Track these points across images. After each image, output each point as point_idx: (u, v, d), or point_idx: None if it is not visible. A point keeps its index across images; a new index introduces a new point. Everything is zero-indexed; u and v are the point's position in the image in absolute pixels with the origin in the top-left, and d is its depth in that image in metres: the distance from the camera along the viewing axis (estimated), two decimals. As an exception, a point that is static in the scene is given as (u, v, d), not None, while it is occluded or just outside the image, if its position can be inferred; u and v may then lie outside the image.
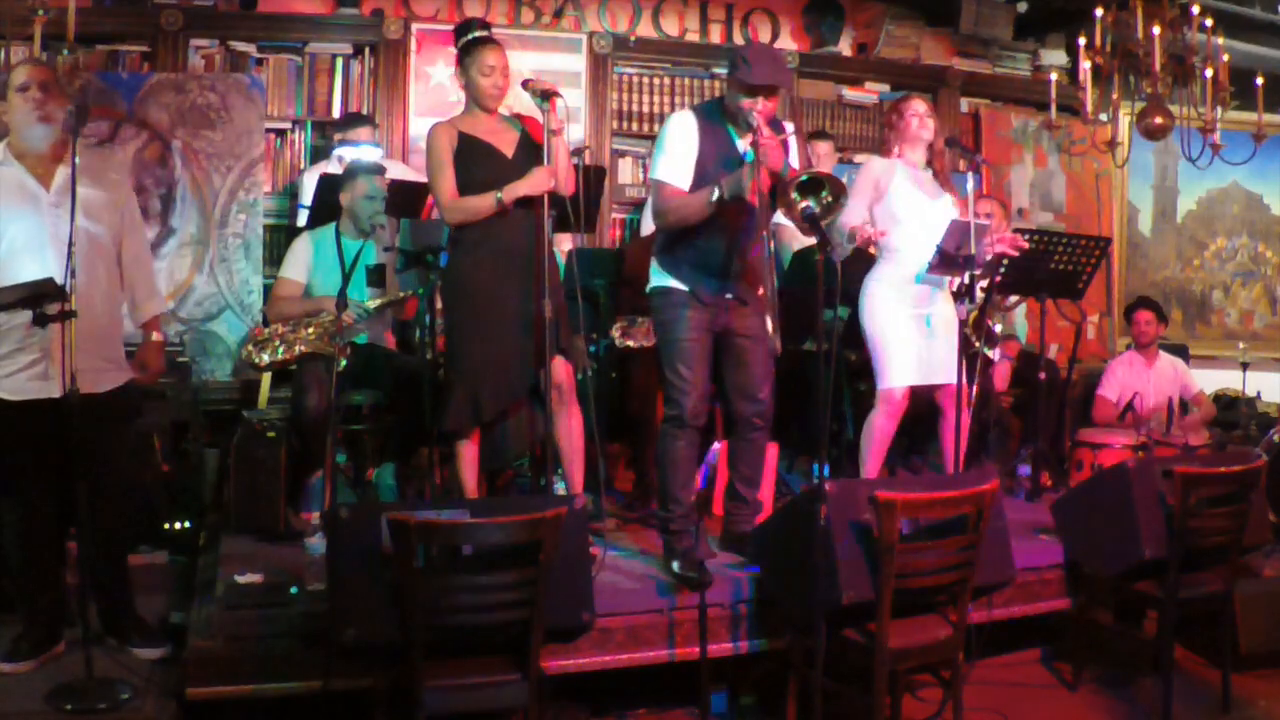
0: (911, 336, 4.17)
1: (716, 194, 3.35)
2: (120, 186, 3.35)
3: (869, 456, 4.24)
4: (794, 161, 3.50)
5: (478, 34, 3.58)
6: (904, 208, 4.18)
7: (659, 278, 3.62)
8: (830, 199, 3.20)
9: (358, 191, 4.19)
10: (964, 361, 4.03)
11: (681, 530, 3.54)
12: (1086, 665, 3.85)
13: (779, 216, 3.69)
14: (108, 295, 3.28)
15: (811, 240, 3.52)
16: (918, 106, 4.24)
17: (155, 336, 3.43)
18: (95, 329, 3.21)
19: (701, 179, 3.47)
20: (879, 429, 4.20)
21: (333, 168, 4.75)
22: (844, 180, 3.29)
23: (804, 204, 3.19)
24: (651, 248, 3.71)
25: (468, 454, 3.65)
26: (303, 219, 4.79)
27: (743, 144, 3.51)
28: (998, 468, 4.76)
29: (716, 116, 3.55)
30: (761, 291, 3.59)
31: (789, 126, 3.54)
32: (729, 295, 3.55)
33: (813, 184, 3.21)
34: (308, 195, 4.80)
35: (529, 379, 3.58)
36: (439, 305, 3.82)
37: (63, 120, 3.20)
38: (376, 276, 4.00)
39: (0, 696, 2.98)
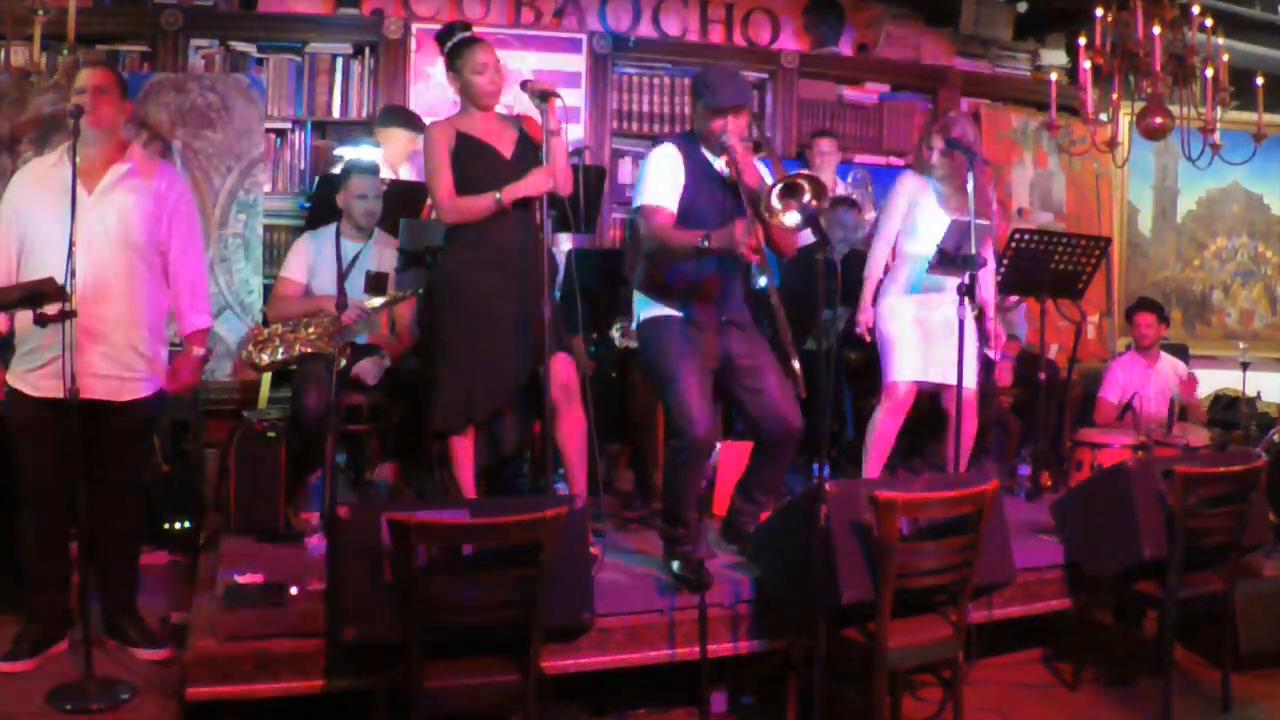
0: (918, 336, 4.24)
1: (705, 244, 3.31)
2: (169, 197, 3.33)
3: (872, 453, 4.30)
4: (766, 178, 3.48)
5: (463, 35, 3.57)
6: (926, 217, 4.26)
7: (649, 308, 3.56)
8: (814, 200, 3.19)
9: (351, 191, 4.19)
10: (965, 365, 4.04)
11: (687, 545, 3.52)
12: (1086, 665, 3.85)
13: None
14: (138, 304, 3.27)
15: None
16: (968, 131, 4.28)
17: (195, 351, 3.40)
18: (119, 336, 3.21)
19: (687, 205, 3.47)
20: (881, 424, 4.30)
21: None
22: (825, 177, 3.30)
23: (787, 215, 3.19)
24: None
25: (462, 453, 3.64)
26: None
27: (719, 164, 3.52)
28: (998, 468, 4.77)
29: (693, 143, 3.57)
30: (747, 316, 3.62)
31: (756, 154, 3.56)
32: (724, 318, 3.54)
33: (791, 189, 3.20)
34: None
35: (523, 379, 3.58)
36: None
37: (119, 125, 3.26)
38: (377, 283, 4.00)
39: (0, 696, 2.98)
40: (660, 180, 3.49)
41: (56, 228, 3.12)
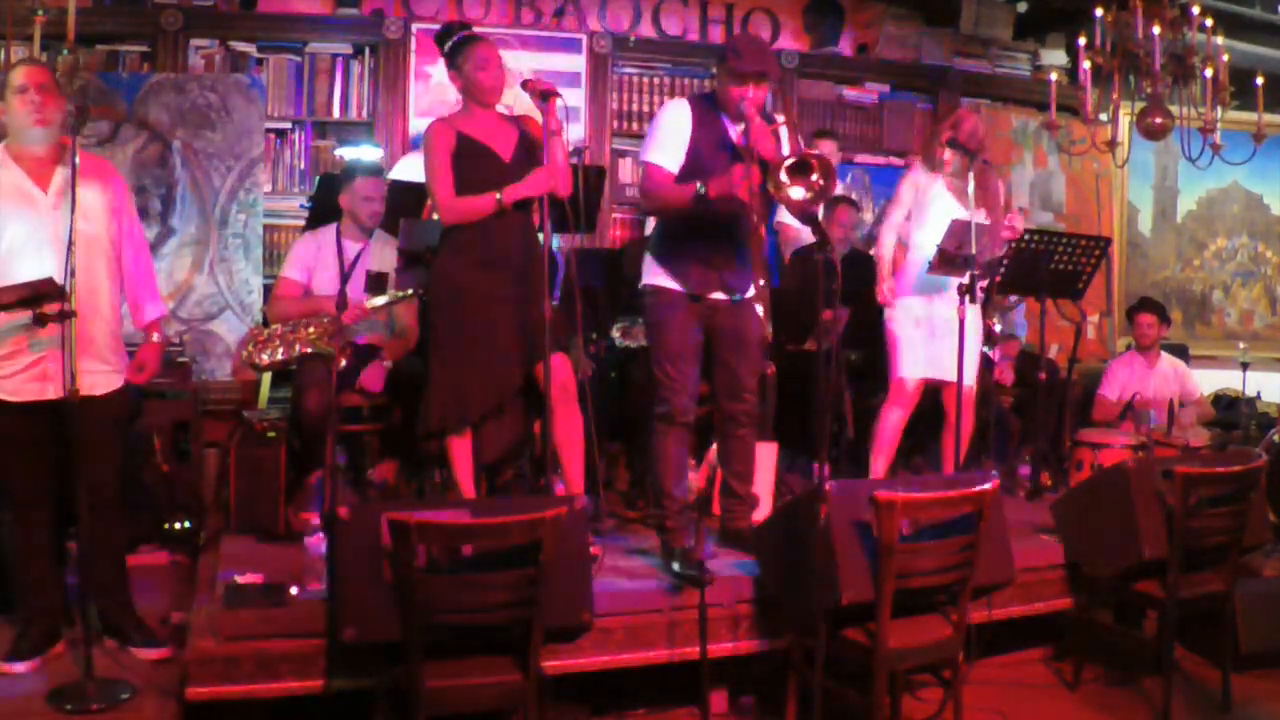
0: (924, 333, 4.25)
1: (703, 189, 3.37)
2: (117, 189, 3.33)
3: (878, 450, 4.32)
4: (787, 151, 3.48)
5: (463, 33, 3.58)
6: (935, 214, 4.26)
7: (653, 275, 3.63)
8: (822, 182, 3.20)
9: (358, 193, 4.19)
10: (965, 362, 4.05)
11: (678, 527, 3.54)
12: (1086, 665, 3.85)
13: (782, 215, 3.71)
14: (105, 299, 3.28)
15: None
16: (978, 130, 4.31)
17: (155, 338, 3.42)
18: (93, 333, 3.20)
19: (694, 165, 3.49)
20: (888, 421, 4.33)
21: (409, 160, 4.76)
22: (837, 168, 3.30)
23: (793, 188, 3.19)
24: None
25: (461, 453, 3.64)
26: None
27: (735, 132, 3.52)
28: (998, 468, 4.77)
29: (711, 106, 3.60)
30: (753, 290, 3.63)
31: (780, 118, 3.58)
32: (722, 294, 3.57)
33: (802, 167, 3.22)
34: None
35: (518, 380, 3.58)
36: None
37: (60, 122, 3.20)
38: (377, 283, 4.00)
39: (0, 696, 2.98)
40: (664, 138, 3.54)
41: (18, 230, 3.11)
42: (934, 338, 4.28)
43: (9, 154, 3.18)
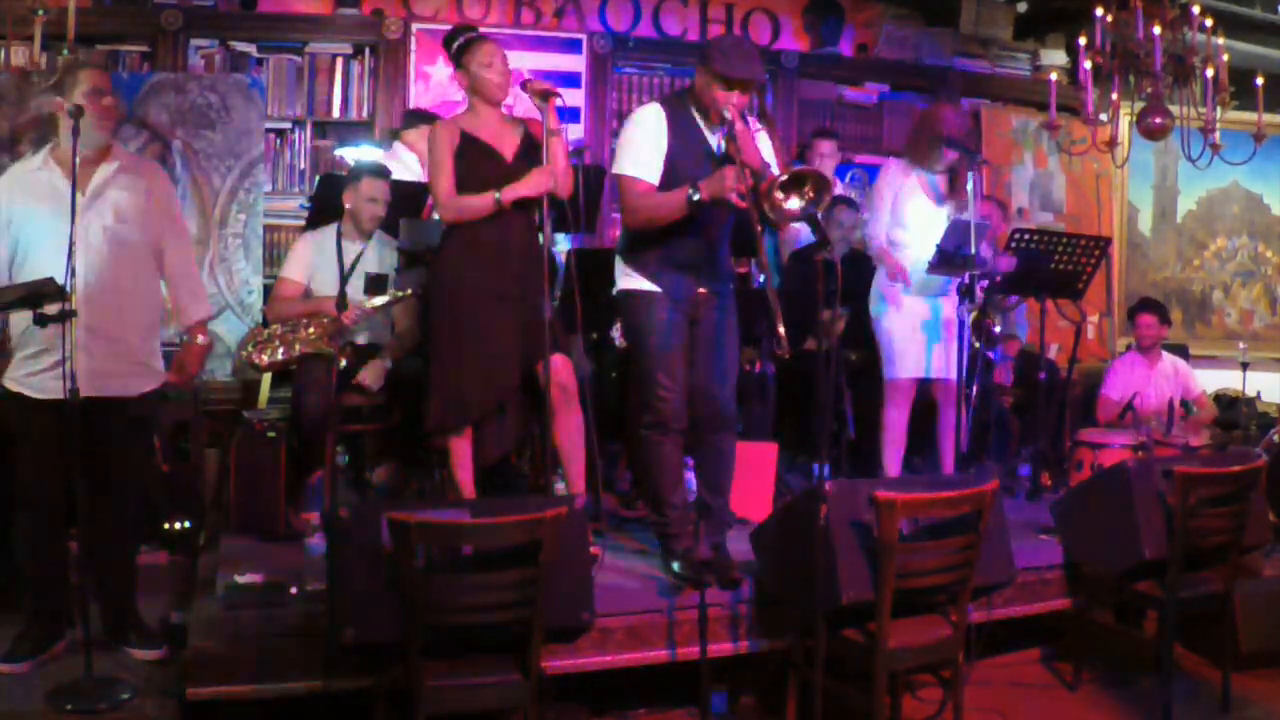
0: (916, 332, 4.25)
1: (696, 195, 3.24)
2: (158, 192, 3.35)
3: (888, 451, 4.34)
4: (766, 157, 3.39)
5: (469, 35, 3.59)
6: (915, 211, 4.25)
7: (628, 279, 3.50)
8: (813, 193, 3.12)
9: (363, 193, 4.18)
10: (963, 359, 4.06)
11: (680, 533, 3.52)
12: (1086, 665, 3.85)
13: None
14: (139, 300, 3.29)
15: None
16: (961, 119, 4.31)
17: (199, 340, 3.44)
18: (123, 334, 3.22)
19: (671, 173, 3.38)
20: (891, 421, 4.34)
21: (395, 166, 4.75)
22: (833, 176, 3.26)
23: (789, 202, 3.12)
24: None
25: (460, 452, 3.64)
26: None
27: (714, 137, 3.45)
28: (998, 468, 4.77)
29: (685, 108, 3.46)
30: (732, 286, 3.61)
31: (755, 123, 3.46)
32: (702, 290, 3.51)
33: (795, 181, 3.12)
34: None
35: (517, 379, 3.58)
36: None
37: (113, 128, 3.28)
38: (377, 284, 4.00)
39: (0, 696, 2.98)
40: (641, 148, 3.38)
41: (51, 231, 3.12)
42: (925, 337, 4.28)
43: (54, 157, 3.21)
